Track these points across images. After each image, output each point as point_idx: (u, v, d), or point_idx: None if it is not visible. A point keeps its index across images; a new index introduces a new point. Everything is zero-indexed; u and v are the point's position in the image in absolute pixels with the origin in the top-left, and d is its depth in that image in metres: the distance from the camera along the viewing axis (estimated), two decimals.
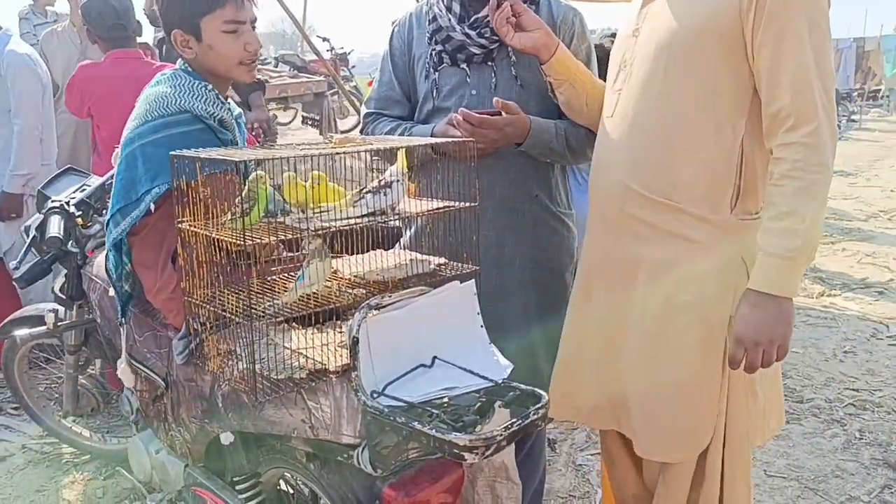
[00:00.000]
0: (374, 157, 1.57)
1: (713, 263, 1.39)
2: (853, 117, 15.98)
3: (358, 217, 1.31)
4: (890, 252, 5.51)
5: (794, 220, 1.27)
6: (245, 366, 1.34)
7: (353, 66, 11.85)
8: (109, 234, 1.60)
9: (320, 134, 8.23)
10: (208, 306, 1.37)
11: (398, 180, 1.35)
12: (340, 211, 1.30)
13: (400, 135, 1.76)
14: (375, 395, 1.28)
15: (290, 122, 9.40)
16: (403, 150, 1.37)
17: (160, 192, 1.50)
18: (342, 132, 8.91)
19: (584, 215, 1.96)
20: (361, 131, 1.89)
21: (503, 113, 1.63)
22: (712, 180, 1.38)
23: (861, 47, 19.65)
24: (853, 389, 3.26)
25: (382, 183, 1.35)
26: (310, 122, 8.47)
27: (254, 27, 1.65)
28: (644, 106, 1.43)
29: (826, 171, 1.28)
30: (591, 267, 1.58)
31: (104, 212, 2.08)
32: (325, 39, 10.01)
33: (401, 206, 1.38)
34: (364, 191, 1.34)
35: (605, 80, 1.61)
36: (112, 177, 1.85)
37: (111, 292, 1.78)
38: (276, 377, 1.31)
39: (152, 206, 1.51)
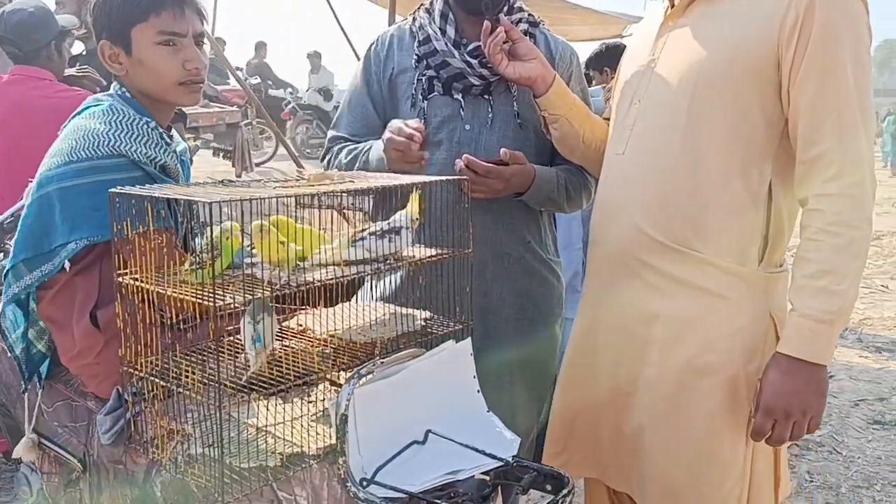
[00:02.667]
0: (351, 199, 1.36)
1: (741, 321, 1.27)
2: None
3: (360, 262, 1.10)
4: None
5: (833, 279, 1.16)
6: (200, 451, 1.08)
7: (265, 97, 11.49)
8: (8, 287, 1.31)
9: (233, 166, 7.82)
10: (153, 376, 1.11)
11: (407, 227, 1.15)
12: (336, 254, 1.08)
13: (357, 157, 1.57)
14: (366, 484, 1.06)
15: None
16: (419, 192, 1.17)
17: (77, 249, 1.24)
18: (257, 164, 8.54)
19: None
20: (324, 157, 1.68)
21: (509, 162, 1.47)
22: (740, 228, 1.26)
23: None
24: None
25: (389, 227, 1.14)
26: (221, 154, 8.05)
27: (200, 43, 1.41)
28: (664, 144, 1.29)
29: (869, 227, 1.19)
30: (597, 319, 1.42)
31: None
32: (238, 69, 9.64)
33: (404, 255, 1.18)
34: (366, 231, 1.13)
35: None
36: (13, 216, 1.55)
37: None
38: (241, 466, 1.06)
39: (67, 264, 1.25)
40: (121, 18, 1.32)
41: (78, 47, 3.04)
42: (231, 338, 1.20)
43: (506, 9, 1.57)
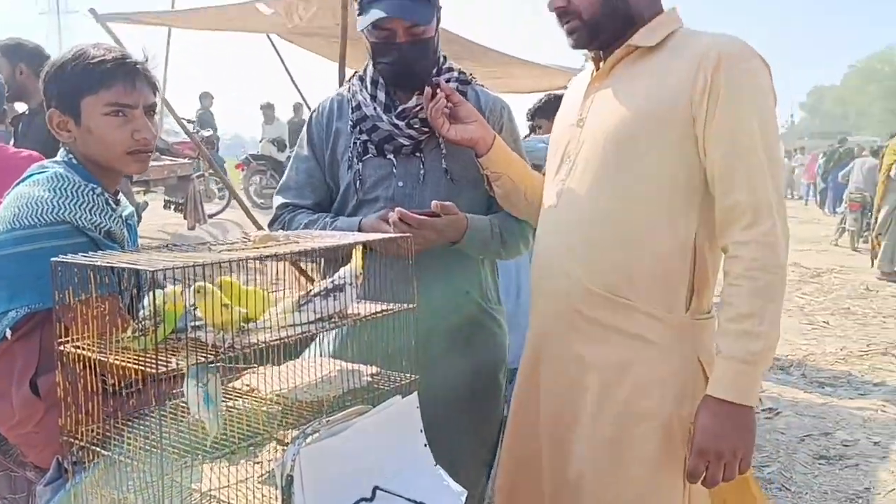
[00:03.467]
0: (299, 258, 1.38)
1: (670, 366, 1.32)
2: None
3: (306, 324, 1.12)
4: None
5: (754, 322, 1.23)
6: None
7: (217, 150, 11.46)
8: None
9: (185, 219, 7.74)
10: (94, 445, 1.09)
11: (350, 283, 1.18)
12: (283, 318, 1.10)
13: (322, 229, 1.59)
14: None
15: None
16: (360, 248, 1.20)
17: (18, 317, 1.24)
18: (209, 216, 8.46)
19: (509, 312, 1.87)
20: (273, 223, 1.70)
21: (441, 213, 1.53)
22: (667, 277, 1.32)
23: None
24: None
25: (333, 285, 1.17)
26: (173, 207, 7.96)
27: (151, 114, 1.44)
28: (593, 197, 1.36)
29: (782, 271, 1.26)
30: (537, 369, 1.47)
31: None
32: (189, 121, 9.61)
33: (350, 311, 1.21)
34: (311, 294, 1.16)
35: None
36: None
37: None
38: None
39: (8, 332, 1.24)
40: (71, 89, 1.34)
41: (21, 106, 3.03)
42: (174, 401, 1.19)
43: (435, 70, 1.64)
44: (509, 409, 1.58)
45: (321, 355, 1.57)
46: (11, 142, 2.91)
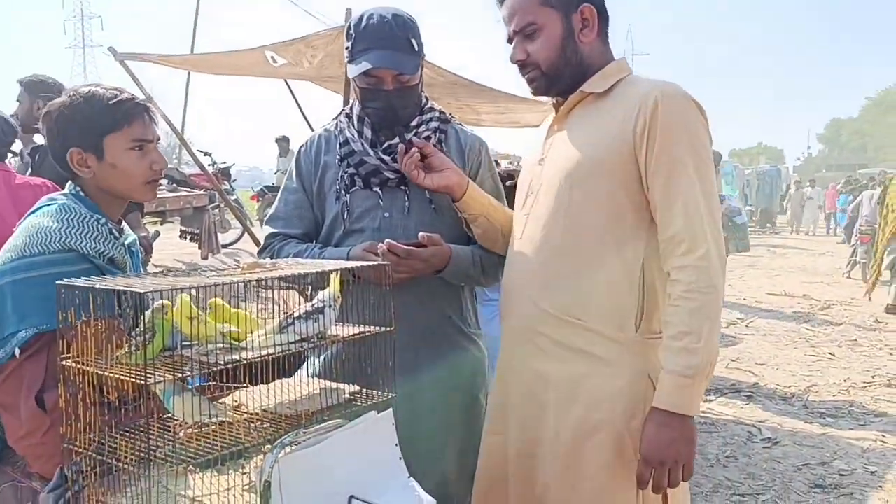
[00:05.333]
0: (285, 284, 1.50)
1: (621, 382, 1.43)
2: None
3: (288, 344, 1.23)
4: (752, 356, 5.93)
5: (692, 339, 1.34)
6: None
7: (235, 180, 11.73)
8: None
9: (199, 248, 7.93)
10: (92, 453, 1.20)
11: (330, 305, 1.29)
12: (266, 339, 1.21)
13: (310, 258, 1.71)
14: None
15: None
16: (337, 273, 1.32)
17: (27, 337, 1.36)
18: (224, 246, 8.64)
19: (491, 335, 1.97)
20: (262, 252, 1.82)
21: (427, 244, 1.64)
22: (618, 301, 1.44)
23: None
24: (739, 495, 3.37)
25: (313, 308, 1.28)
26: (188, 237, 8.16)
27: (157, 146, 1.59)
28: (552, 230, 1.49)
29: (716, 291, 1.36)
30: (507, 389, 1.57)
31: None
32: (206, 153, 9.87)
33: (330, 332, 1.32)
34: (292, 316, 1.27)
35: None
36: None
37: None
38: None
39: (17, 351, 1.36)
40: (94, 128, 1.48)
41: (38, 139, 3.22)
42: (167, 414, 1.30)
43: (418, 111, 1.77)
44: (484, 428, 1.67)
45: (309, 376, 1.68)
46: (28, 172, 3.09)
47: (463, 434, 1.80)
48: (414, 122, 1.76)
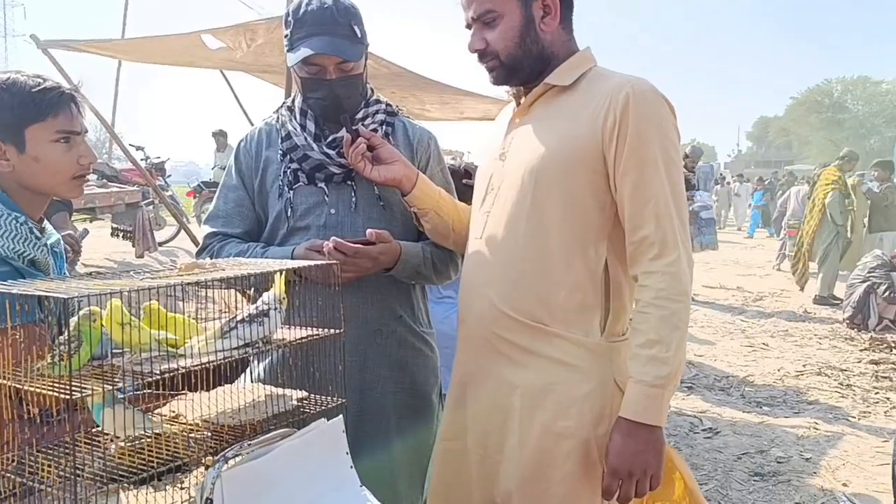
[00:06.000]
0: (223, 286, 1.41)
1: (588, 387, 1.38)
2: None
3: (230, 350, 1.14)
4: (691, 348, 6.08)
5: (661, 348, 1.30)
6: None
7: (169, 176, 11.33)
8: None
9: (133, 246, 7.60)
10: (10, 475, 1.09)
11: (275, 308, 1.21)
12: (207, 345, 1.13)
13: (253, 258, 1.62)
14: None
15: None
16: (282, 274, 1.24)
17: None
18: (160, 243, 8.32)
19: (443, 332, 1.92)
20: (201, 252, 1.72)
21: (375, 241, 1.57)
22: (582, 303, 1.39)
23: None
24: None
25: (257, 311, 1.20)
26: (121, 234, 7.81)
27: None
28: (514, 228, 1.42)
29: (687, 299, 1.33)
30: (465, 393, 1.51)
31: None
32: (139, 148, 9.48)
33: (276, 337, 1.24)
34: (235, 320, 1.18)
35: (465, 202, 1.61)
36: None
37: None
38: None
39: None
40: (15, 119, 1.35)
41: None
42: (96, 429, 1.20)
43: (363, 103, 1.70)
44: (437, 434, 1.62)
45: (252, 381, 1.60)
46: None
47: (415, 435, 1.75)
48: (359, 115, 1.68)
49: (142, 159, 9.07)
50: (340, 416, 1.31)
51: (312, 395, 1.38)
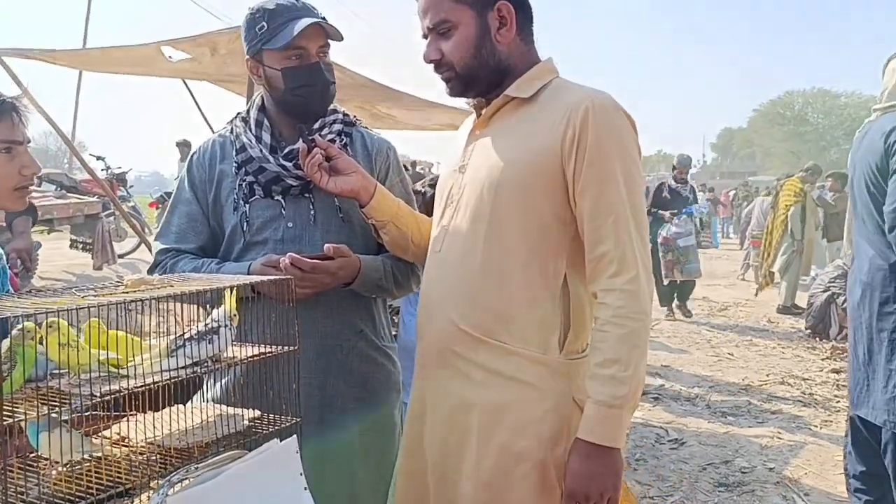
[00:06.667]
0: (165, 303, 1.36)
1: (546, 406, 1.35)
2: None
3: (177, 370, 1.10)
4: (658, 359, 6.13)
5: (620, 367, 1.28)
6: None
7: (132, 186, 11.13)
8: None
9: (93, 258, 7.43)
10: None
11: (226, 325, 1.17)
12: (153, 364, 1.08)
13: (207, 273, 1.57)
14: None
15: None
16: (232, 290, 1.20)
17: None
18: (120, 256, 8.14)
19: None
20: (153, 269, 1.66)
21: (333, 256, 1.54)
22: (540, 319, 1.36)
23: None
24: (649, 497, 3.43)
25: (207, 328, 1.16)
26: (80, 246, 7.63)
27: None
28: (472, 243, 1.40)
29: (646, 318, 1.32)
30: (424, 410, 1.48)
31: None
32: (99, 158, 9.27)
33: (227, 355, 1.20)
34: (183, 337, 1.14)
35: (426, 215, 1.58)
36: None
37: None
38: None
39: None
40: None
41: None
42: (34, 453, 1.14)
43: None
44: (399, 450, 1.58)
45: (206, 401, 1.54)
46: None
47: (377, 451, 1.71)
48: (316, 125, 1.65)
49: (102, 169, 8.88)
50: (294, 436, 1.27)
51: (266, 415, 1.34)
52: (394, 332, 1.87)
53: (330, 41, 1.62)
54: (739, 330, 7.44)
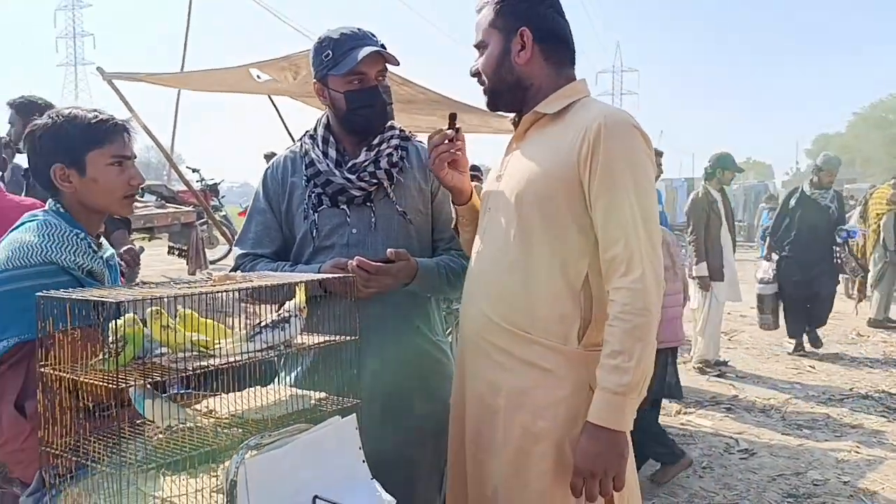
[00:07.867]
0: (247, 297, 1.57)
1: (564, 391, 1.49)
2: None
3: (255, 352, 1.30)
4: (734, 369, 6.01)
5: (624, 358, 1.41)
6: None
7: (223, 196, 11.80)
8: None
9: (187, 264, 7.97)
10: (69, 455, 1.27)
11: (296, 315, 1.37)
12: (235, 346, 1.29)
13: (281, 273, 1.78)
14: None
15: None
16: (303, 284, 1.39)
17: (8, 347, 1.43)
18: (212, 262, 8.69)
19: None
20: (234, 271, 1.88)
21: (395, 259, 1.72)
22: (562, 314, 1.51)
23: (690, 185, 22.46)
24: None
25: (280, 318, 1.36)
26: (176, 252, 8.20)
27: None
28: (503, 245, 1.56)
29: (650, 314, 1.42)
30: (463, 393, 1.65)
31: None
32: (195, 170, 9.95)
33: (297, 341, 1.40)
34: (260, 325, 1.34)
35: None
36: None
37: None
38: None
39: None
40: (77, 145, 1.57)
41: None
42: (141, 419, 1.37)
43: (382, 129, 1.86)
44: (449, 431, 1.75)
45: (284, 383, 1.75)
46: (24, 192, 3.17)
47: (433, 438, 1.87)
48: (376, 141, 1.84)
49: (197, 181, 9.51)
50: (353, 414, 1.44)
51: (330, 396, 1.53)
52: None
53: (388, 66, 1.81)
54: (825, 342, 7.16)
